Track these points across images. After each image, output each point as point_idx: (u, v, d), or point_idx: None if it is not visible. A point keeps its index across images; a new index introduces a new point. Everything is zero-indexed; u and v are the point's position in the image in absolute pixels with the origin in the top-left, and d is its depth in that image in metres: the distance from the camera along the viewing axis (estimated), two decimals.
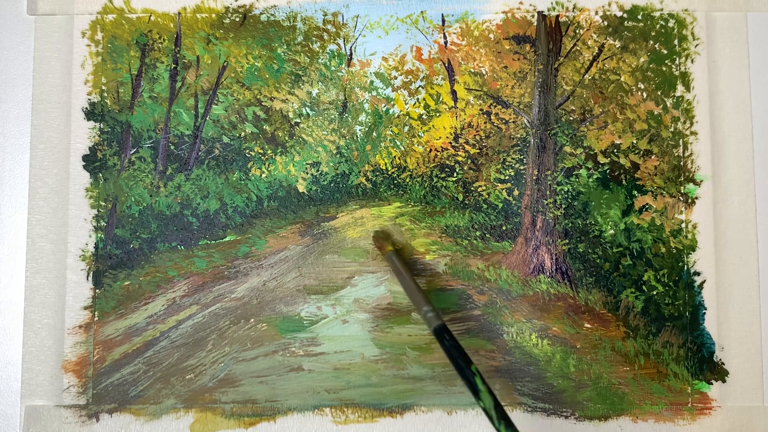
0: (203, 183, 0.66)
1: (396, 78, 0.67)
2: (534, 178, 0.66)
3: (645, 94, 0.65)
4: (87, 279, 0.64)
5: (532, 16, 0.66)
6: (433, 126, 0.67)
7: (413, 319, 0.63)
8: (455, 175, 0.67)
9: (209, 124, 0.67)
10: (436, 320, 0.54)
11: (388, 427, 0.61)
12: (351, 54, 0.68)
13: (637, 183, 0.65)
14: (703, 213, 0.64)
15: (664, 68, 0.65)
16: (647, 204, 0.64)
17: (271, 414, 0.62)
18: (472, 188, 0.66)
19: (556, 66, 0.66)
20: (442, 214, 0.66)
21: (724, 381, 0.62)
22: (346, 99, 0.67)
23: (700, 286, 0.63)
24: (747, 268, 0.63)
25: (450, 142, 0.67)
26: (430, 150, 0.67)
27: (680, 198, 0.64)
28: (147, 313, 0.64)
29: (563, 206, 0.65)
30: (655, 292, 0.63)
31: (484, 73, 0.67)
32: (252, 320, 0.64)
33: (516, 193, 0.66)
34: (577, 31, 0.66)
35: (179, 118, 0.67)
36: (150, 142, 0.66)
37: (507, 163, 0.66)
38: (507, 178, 0.66)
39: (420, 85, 0.67)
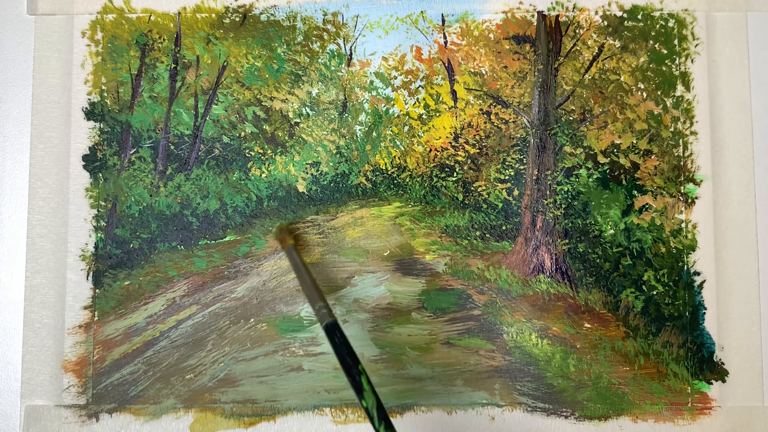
0: (203, 183, 0.66)
1: (396, 78, 0.67)
2: (534, 178, 0.66)
3: (645, 94, 0.65)
4: (87, 279, 0.64)
5: (532, 16, 0.66)
6: (433, 126, 0.67)
7: (413, 319, 0.63)
8: (455, 175, 0.67)
9: (209, 124, 0.67)
10: (329, 317, 0.54)
11: None
12: (351, 54, 0.68)
13: (637, 183, 0.65)
14: (703, 213, 0.64)
15: (664, 68, 0.65)
16: (647, 204, 0.64)
17: (271, 414, 0.62)
18: (472, 188, 0.66)
19: (556, 66, 0.66)
20: (442, 214, 0.66)
21: (724, 381, 0.62)
22: (346, 99, 0.67)
23: (700, 286, 0.63)
24: (747, 268, 0.63)
25: (450, 142, 0.67)
26: (430, 150, 0.67)
27: (680, 198, 0.64)
28: (147, 313, 0.64)
29: (563, 206, 0.65)
30: (655, 292, 0.63)
31: (484, 73, 0.67)
32: (252, 320, 0.64)
33: (516, 193, 0.66)
34: (577, 31, 0.66)
35: (179, 118, 0.67)
36: (150, 142, 0.66)
37: (507, 163, 0.66)
38: (507, 178, 0.66)
39: (420, 85, 0.67)
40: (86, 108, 0.66)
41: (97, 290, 0.64)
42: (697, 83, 0.65)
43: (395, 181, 0.67)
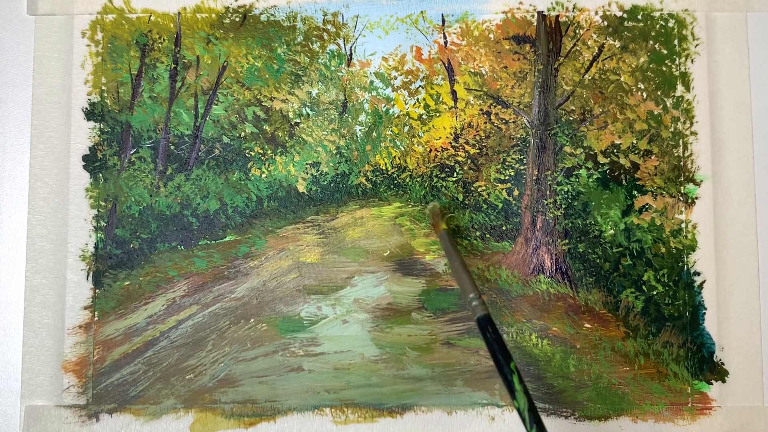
0: (203, 183, 0.66)
1: (396, 78, 0.67)
2: (534, 178, 0.66)
3: (645, 94, 0.65)
4: (87, 279, 0.64)
5: (532, 16, 0.66)
6: (433, 126, 0.67)
7: (413, 319, 0.63)
8: (455, 175, 0.67)
9: (209, 124, 0.67)
10: (482, 310, 0.51)
11: (388, 427, 0.61)
12: (351, 54, 0.68)
13: (637, 183, 0.65)
14: (703, 213, 0.64)
15: (664, 68, 0.65)
16: (647, 204, 0.64)
17: (271, 414, 0.62)
18: (472, 188, 0.66)
19: (556, 66, 0.66)
20: None
21: (724, 381, 0.62)
22: (346, 99, 0.67)
23: (700, 286, 0.63)
24: (747, 268, 0.63)
25: (450, 142, 0.67)
26: (430, 150, 0.67)
27: (680, 198, 0.64)
28: (147, 313, 0.64)
29: (563, 206, 0.65)
30: (655, 292, 0.63)
31: (484, 73, 0.67)
32: (252, 320, 0.64)
33: (516, 193, 0.66)
34: (577, 31, 0.66)
35: (179, 118, 0.67)
36: (150, 142, 0.66)
37: (507, 163, 0.66)
38: (507, 178, 0.66)
39: (420, 85, 0.67)
40: (86, 108, 0.66)
41: (97, 290, 0.64)
42: (697, 83, 0.65)
43: (395, 182, 0.67)
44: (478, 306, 0.53)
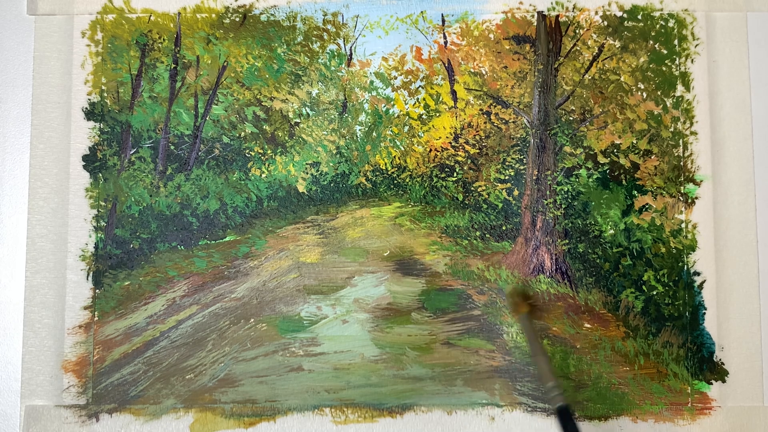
0: (203, 183, 0.66)
1: (396, 78, 0.67)
2: (534, 178, 0.66)
3: (645, 94, 0.65)
4: (87, 279, 0.64)
5: (532, 16, 0.66)
6: (433, 126, 0.67)
7: (413, 319, 0.63)
8: (455, 175, 0.67)
9: (209, 124, 0.67)
10: (561, 400, 0.54)
11: (388, 427, 0.61)
12: (351, 54, 0.68)
13: (637, 183, 0.65)
14: (703, 213, 0.64)
15: (664, 68, 0.65)
16: (647, 204, 0.64)
17: (271, 414, 0.62)
18: (472, 188, 0.66)
19: (556, 66, 0.66)
20: (442, 214, 0.67)
21: (724, 381, 0.62)
22: (346, 99, 0.67)
23: (700, 286, 0.63)
24: (747, 268, 0.63)
25: (450, 142, 0.67)
26: (430, 150, 0.67)
27: (680, 198, 0.64)
28: (147, 313, 0.64)
29: (563, 206, 0.65)
30: (655, 292, 0.63)
31: (484, 73, 0.67)
32: (252, 320, 0.64)
33: (516, 193, 0.66)
34: (577, 31, 0.66)
35: (179, 118, 0.67)
36: (150, 142, 0.66)
37: (507, 163, 0.66)
38: (507, 178, 0.66)
39: (420, 85, 0.67)
40: (86, 108, 0.66)
41: (97, 290, 0.64)
42: (697, 83, 0.65)
43: (395, 181, 0.67)
44: (557, 397, 0.54)
